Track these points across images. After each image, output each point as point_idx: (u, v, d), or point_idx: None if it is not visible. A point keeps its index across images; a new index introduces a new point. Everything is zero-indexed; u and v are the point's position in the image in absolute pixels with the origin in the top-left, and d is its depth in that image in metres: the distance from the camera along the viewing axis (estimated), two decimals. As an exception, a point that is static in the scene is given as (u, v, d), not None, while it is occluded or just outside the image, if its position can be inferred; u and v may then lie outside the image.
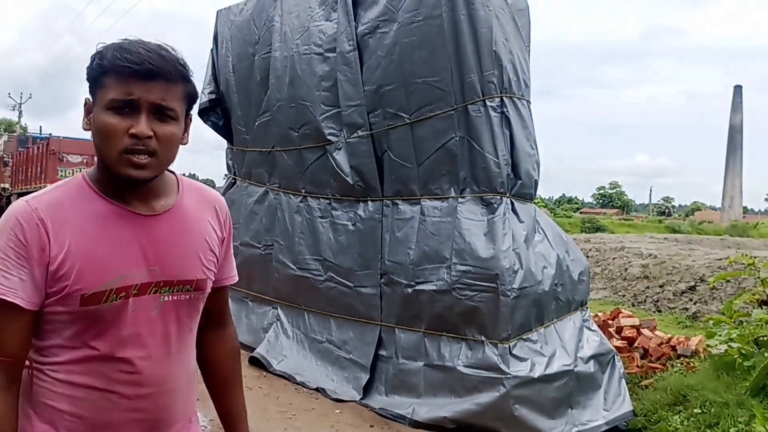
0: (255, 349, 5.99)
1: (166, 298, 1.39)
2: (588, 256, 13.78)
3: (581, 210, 67.62)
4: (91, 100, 1.35)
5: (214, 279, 1.52)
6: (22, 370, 1.35)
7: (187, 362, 1.49)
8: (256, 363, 5.84)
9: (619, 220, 49.52)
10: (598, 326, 5.41)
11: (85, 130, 1.37)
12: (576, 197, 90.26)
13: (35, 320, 1.33)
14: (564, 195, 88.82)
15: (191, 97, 1.39)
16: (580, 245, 14.69)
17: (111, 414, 1.36)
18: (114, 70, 1.27)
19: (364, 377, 5.12)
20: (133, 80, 1.27)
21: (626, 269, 11.17)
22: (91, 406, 1.35)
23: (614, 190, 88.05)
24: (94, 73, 1.32)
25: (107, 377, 1.35)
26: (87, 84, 1.35)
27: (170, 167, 1.44)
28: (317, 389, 5.31)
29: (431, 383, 4.74)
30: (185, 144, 1.42)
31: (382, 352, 5.15)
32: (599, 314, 6.59)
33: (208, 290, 1.50)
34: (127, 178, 1.31)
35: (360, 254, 5.35)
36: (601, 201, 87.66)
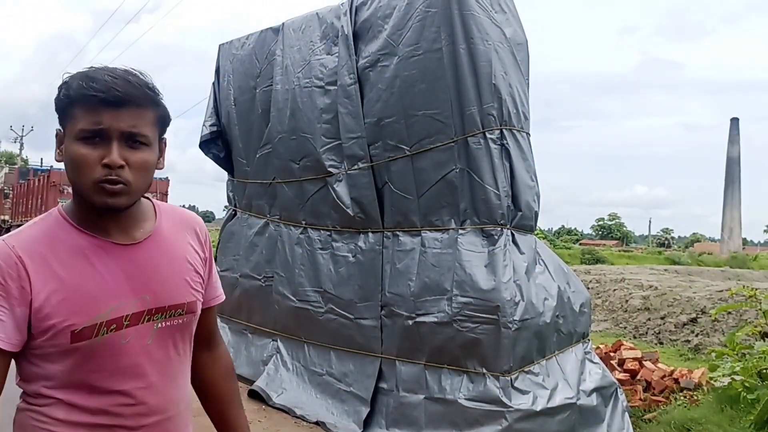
0: (254, 381, 5.94)
1: (160, 325, 1.37)
2: (588, 288, 13.73)
3: (581, 241, 67.61)
4: (62, 131, 1.32)
5: (202, 300, 1.51)
6: None
7: (184, 387, 1.48)
8: (256, 396, 5.78)
9: (619, 251, 49.53)
10: (600, 358, 5.37)
11: (57, 161, 1.34)
12: (575, 228, 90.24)
13: (10, 359, 1.29)
14: (563, 226, 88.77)
15: (163, 120, 1.36)
16: (581, 276, 14.65)
17: None
18: (81, 100, 1.25)
19: (365, 410, 5.07)
20: (101, 109, 1.24)
21: (627, 301, 11.14)
22: None
23: (613, 222, 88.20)
24: (61, 104, 1.29)
25: (110, 412, 1.32)
26: (57, 115, 1.32)
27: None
28: (317, 423, 5.25)
29: (432, 416, 4.69)
30: (161, 168, 1.39)
31: (383, 385, 5.11)
32: (600, 346, 6.55)
33: (199, 312, 1.49)
34: (104, 207, 1.28)
35: (360, 286, 5.34)
36: (600, 232, 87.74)
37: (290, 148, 5.99)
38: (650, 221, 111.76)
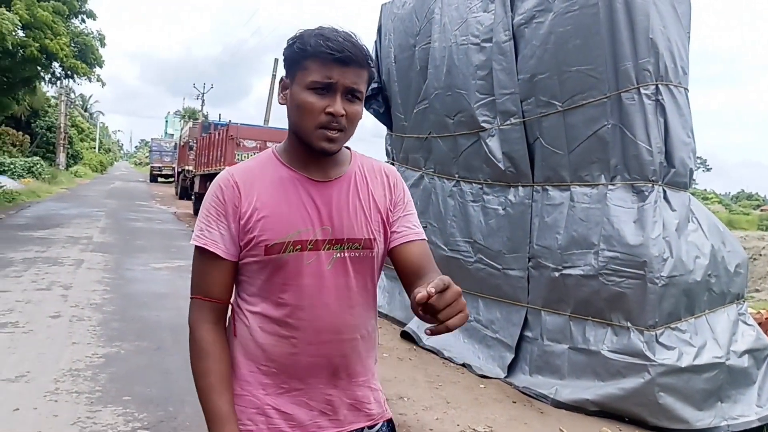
0: (407, 324, 6.37)
1: (338, 255, 1.54)
2: (761, 255, 12.87)
3: (762, 207, 62.11)
4: (286, 78, 1.54)
5: (383, 239, 1.62)
6: (226, 312, 1.58)
7: (364, 319, 1.62)
8: (408, 337, 6.22)
9: (808, 219, 44.95)
10: (760, 324, 5.20)
11: (280, 104, 1.58)
12: (757, 194, 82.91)
13: (234, 269, 1.56)
14: (743, 190, 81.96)
15: (371, 80, 1.55)
16: (753, 243, 13.72)
17: (298, 358, 1.54)
18: (316, 56, 1.45)
19: (509, 356, 5.31)
20: (332, 65, 1.44)
21: (804, 270, 10.36)
22: (280, 351, 1.54)
23: (803, 186, 79.71)
24: (295, 56, 1.49)
25: (291, 325, 1.53)
26: (284, 64, 1.54)
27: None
28: (463, 365, 5.58)
29: (575, 366, 4.84)
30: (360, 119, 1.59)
31: (528, 333, 5.31)
32: (762, 311, 6.27)
33: (378, 250, 1.61)
34: (320, 150, 1.50)
35: (509, 238, 5.52)
36: (787, 198, 79.87)
37: (446, 103, 6.22)
38: None
